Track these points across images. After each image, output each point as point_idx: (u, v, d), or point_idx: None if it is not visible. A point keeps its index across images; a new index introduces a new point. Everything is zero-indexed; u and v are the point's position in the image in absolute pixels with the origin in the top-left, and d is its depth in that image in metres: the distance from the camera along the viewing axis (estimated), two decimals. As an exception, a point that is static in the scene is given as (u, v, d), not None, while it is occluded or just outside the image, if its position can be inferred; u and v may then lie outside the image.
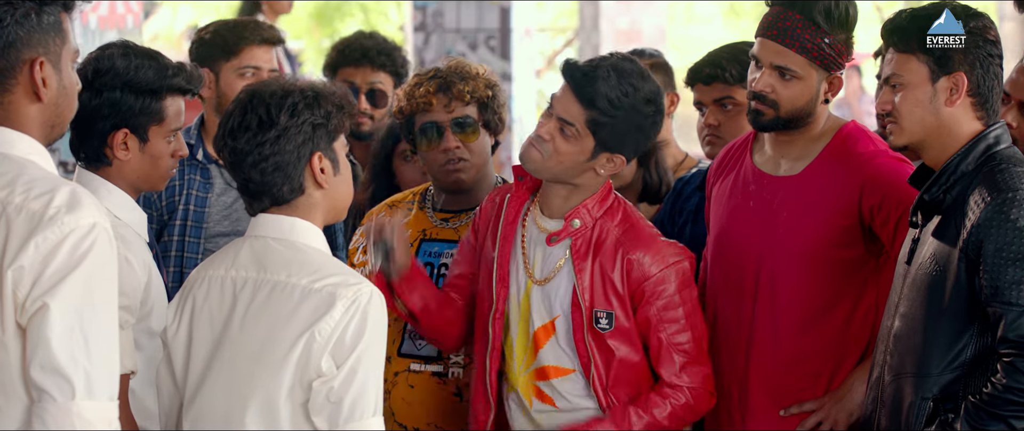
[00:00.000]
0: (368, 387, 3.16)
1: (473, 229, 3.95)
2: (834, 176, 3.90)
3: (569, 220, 3.77)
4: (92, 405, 2.82)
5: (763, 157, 4.05)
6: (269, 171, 3.25)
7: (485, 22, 10.26)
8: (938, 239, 3.46)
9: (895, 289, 3.59)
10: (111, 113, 3.50)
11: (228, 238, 4.49)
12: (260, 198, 3.29)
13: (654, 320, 3.77)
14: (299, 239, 3.29)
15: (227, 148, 3.28)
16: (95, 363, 2.83)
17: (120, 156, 3.53)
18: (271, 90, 3.28)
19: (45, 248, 2.83)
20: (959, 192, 3.46)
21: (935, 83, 3.49)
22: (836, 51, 3.87)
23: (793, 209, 3.93)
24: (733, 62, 4.39)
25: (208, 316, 3.29)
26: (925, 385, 3.44)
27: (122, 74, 3.50)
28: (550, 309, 3.79)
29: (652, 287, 3.75)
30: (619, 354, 3.76)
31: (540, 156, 3.73)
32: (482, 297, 3.88)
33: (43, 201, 2.87)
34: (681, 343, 3.78)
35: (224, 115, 3.30)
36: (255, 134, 3.24)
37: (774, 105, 3.91)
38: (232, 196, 4.57)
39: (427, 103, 4.06)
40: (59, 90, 3.01)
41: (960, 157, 3.47)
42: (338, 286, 3.20)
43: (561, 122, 3.72)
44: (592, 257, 3.75)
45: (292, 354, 3.16)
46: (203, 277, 3.34)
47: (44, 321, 2.81)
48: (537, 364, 3.81)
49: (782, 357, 3.95)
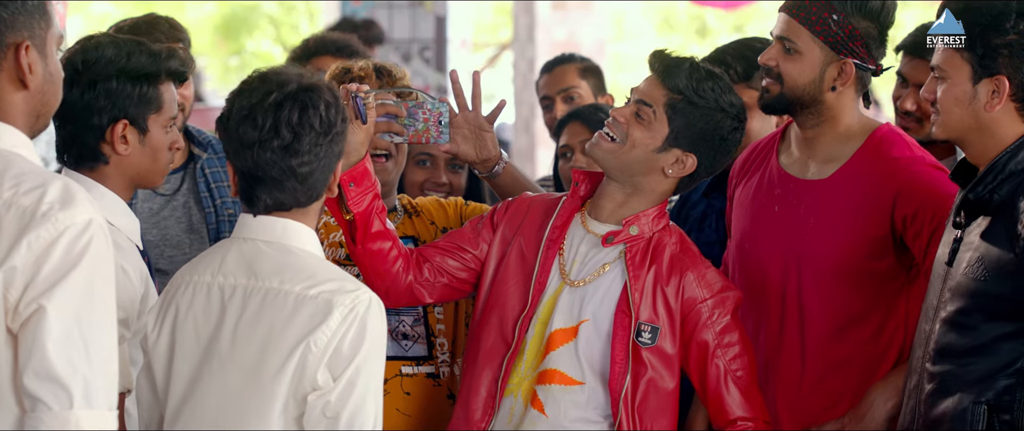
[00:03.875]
0: (367, 400, 3.13)
1: (490, 223, 3.90)
2: (867, 182, 3.87)
3: (627, 225, 3.75)
4: (91, 415, 2.75)
5: (790, 158, 4.02)
6: (317, 174, 3.23)
7: (420, 32, 10.24)
8: (987, 241, 3.43)
9: (933, 291, 3.56)
10: (108, 105, 3.44)
11: (157, 249, 4.47)
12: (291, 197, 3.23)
13: (713, 345, 3.74)
14: (292, 242, 3.25)
15: (280, 140, 3.19)
16: (94, 370, 2.77)
17: (120, 150, 3.46)
18: (323, 87, 3.24)
19: (38, 247, 2.77)
20: (1009, 191, 3.42)
21: (976, 84, 3.47)
22: (846, 33, 3.84)
23: (822, 216, 3.90)
24: (738, 58, 4.38)
25: (193, 325, 3.23)
26: (977, 390, 3.41)
27: (115, 61, 3.43)
28: (579, 313, 3.75)
29: (710, 309, 3.74)
30: (650, 374, 3.72)
31: (610, 144, 3.73)
32: (505, 297, 3.82)
33: (34, 197, 2.80)
34: (736, 370, 3.76)
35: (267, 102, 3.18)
36: (319, 135, 3.21)
37: (779, 79, 3.90)
38: (159, 202, 4.52)
39: None
40: (45, 77, 2.95)
41: (1009, 155, 3.44)
42: (334, 293, 3.16)
43: (639, 104, 3.73)
44: (648, 266, 3.74)
45: (287, 367, 3.12)
46: (187, 282, 3.28)
47: (40, 325, 2.74)
48: (543, 367, 3.77)
49: (809, 374, 3.93)
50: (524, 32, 11.99)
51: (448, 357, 4.04)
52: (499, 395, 3.78)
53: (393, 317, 3.97)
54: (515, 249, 3.84)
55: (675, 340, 3.74)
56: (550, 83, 5.88)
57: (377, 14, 10.24)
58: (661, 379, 3.74)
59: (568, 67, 5.87)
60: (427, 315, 4.04)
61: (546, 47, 11.85)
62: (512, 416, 3.79)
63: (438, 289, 3.85)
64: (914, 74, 4.42)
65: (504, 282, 3.83)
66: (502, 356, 3.79)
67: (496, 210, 3.92)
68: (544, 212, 3.87)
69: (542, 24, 11.87)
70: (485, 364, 3.80)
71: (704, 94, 3.70)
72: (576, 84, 5.80)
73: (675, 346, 3.74)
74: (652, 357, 3.72)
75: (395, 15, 10.23)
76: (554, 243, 3.80)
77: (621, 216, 3.77)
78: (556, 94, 5.81)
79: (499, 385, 3.78)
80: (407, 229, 4.08)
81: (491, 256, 3.86)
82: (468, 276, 3.87)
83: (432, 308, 4.04)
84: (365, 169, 3.68)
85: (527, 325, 3.78)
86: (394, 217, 4.06)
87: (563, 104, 5.72)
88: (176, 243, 4.54)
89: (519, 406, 3.79)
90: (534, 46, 11.83)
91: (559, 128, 5.06)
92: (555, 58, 6.02)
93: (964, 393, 3.44)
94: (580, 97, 5.73)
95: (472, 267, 3.87)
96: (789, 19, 3.89)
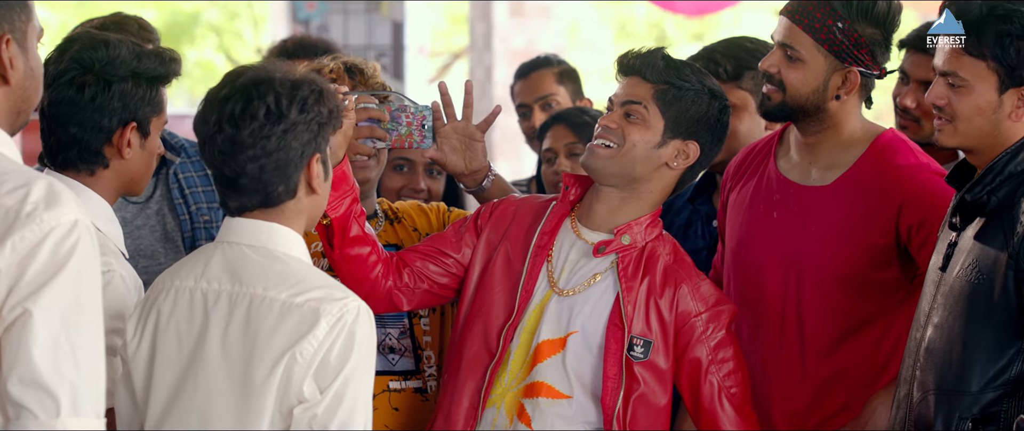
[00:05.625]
0: (356, 414, 3.08)
1: (474, 226, 3.87)
2: (871, 189, 3.86)
3: (619, 235, 3.72)
4: (78, 423, 2.71)
5: (789, 163, 4.01)
6: (269, 169, 3.17)
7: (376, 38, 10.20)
8: (982, 243, 3.42)
9: (926, 297, 3.55)
10: (121, 107, 3.40)
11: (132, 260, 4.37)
12: (250, 195, 3.19)
13: (706, 362, 3.71)
14: (278, 247, 3.20)
15: (223, 135, 3.16)
16: (82, 376, 2.71)
17: (125, 154, 3.43)
18: (279, 77, 3.19)
19: (23, 249, 2.71)
20: (1007, 194, 3.42)
21: (1002, 94, 3.45)
22: (851, 41, 3.83)
23: (824, 223, 3.89)
24: (728, 57, 4.36)
25: (175, 333, 3.19)
26: (963, 404, 3.40)
27: (128, 62, 3.40)
28: (567, 324, 3.72)
29: (704, 323, 3.71)
30: (641, 389, 3.69)
31: (608, 151, 3.70)
32: (490, 304, 3.79)
33: (18, 196, 2.75)
34: (730, 387, 3.73)
35: (216, 97, 3.19)
36: (261, 125, 3.14)
37: (781, 86, 3.89)
38: (132, 211, 4.49)
39: None
40: (26, 72, 2.89)
41: (1008, 156, 3.44)
42: (322, 301, 3.11)
43: (627, 106, 3.71)
44: (641, 277, 3.71)
45: (272, 378, 3.07)
46: (169, 287, 3.23)
47: (25, 330, 2.68)
48: (530, 379, 3.73)
49: (809, 383, 3.92)
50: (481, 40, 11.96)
51: (435, 371, 4.01)
52: (482, 406, 3.75)
53: (380, 330, 3.93)
54: (501, 254, 3.80)
55: (668, 355, 3.71)
56: (526, 90, 5.80)
57: (331, 20, 10.19)
58: (653, 395, 3.71)
59: (544, 73, 5.78)
60: (413, 327, 4.00)
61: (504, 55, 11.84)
62: (494, 427, 3.75)
63: (418, 295, 3.82)
64: (916, 70, 4.41)
65: (489, 289, 3.79)
66: (485, 366, 3.75)
67: (480, 213, 3.88)
68: (532, 216, 3.83)
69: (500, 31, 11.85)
70: (468, 373, 3.77)
71: (688, 78, 3.70)
72: (554, 91, 5.73)
73: (668, 361, 3.71)
74: (644, 372, 3.69)
75: (350, 21, 10.18)
76: (542, 249, 3.77)
77: (614, 223, 3.74)
78: (534, 102, 5.75)
79: (482, 396, 3.74)
80: (389, 237, 4.04)
81: (475, 261, 3.82)
82: (450, 281, 3.84)
83: (418, 320, 4.00)
84: (343, 173, 3.64)
85: (512, 334, 3.74)
86: (376, 223, 4.02)
87: (541, 112, 5.66)
88: (150, 253, 4.51)
89: (503, 418, 3.75)
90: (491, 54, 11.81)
91: (542, 131, 5.03)
92: (530, 62, 5.91)
93: (953, 404, 3.43)
94: (558, 104, 5.66)
95: (454, 272, 3.83)
96: (792, 25, 3.87)
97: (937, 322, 3.48)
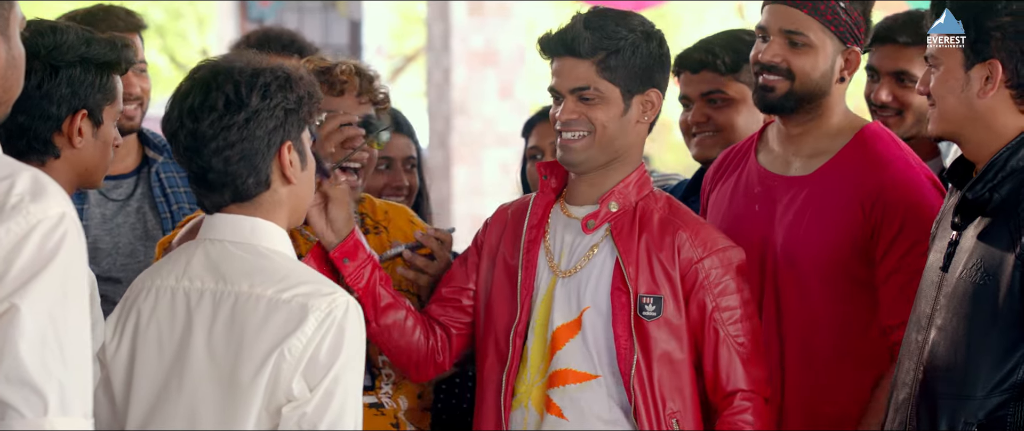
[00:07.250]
0: (346, 412, 3.07)
1: (475, 247, 3.89)
2: (852, 179, 3.87)
3: (604, 203, 3.72)
4: (66, 422, 2.67)
5: (770, 156, 4.01)
6: (234, 160, 3.16)
7: (332, 37, 10.18)
8: (986, 243, 3.40)
9: (925, 299, 3.53)
10: (70, 94, 3.34)
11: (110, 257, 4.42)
12: (220, 191, 3.19)
13: (710, 308, 3.68)
14: (262, 243, 3.20)
15: (185, 130, 3.17)
16: (70, 374, 2.68)
17: (76, 143, 3.38)
18: (238, 66, 3.19)
19: (9, 242, 2.68)
20: (1010, 190, 3.40)
21: (968, 70, 3.44)
22: (853, 20, 3.86)
23: (803, 212, 3.89)
24: (727, 49, 4.35)
25: (156, 334, 3.17)
26: (968, 409, 3.37)
27: (76, 48, 3.37)
28: (578, 303, 3.72)
29: (706, 269, 3.69)
30: (661, 347, 3.67)
31: (583, 140, 3.69)
32: (496, 312, 3.80)
33: (2, 188, 2.71)
34: (737, 336, 3.70)
35: (177, 93, 3.19)
36: (221, 116, 3.14)
37: (789, 75, 3.88)
38: (112, 208, 4.48)
39: None
40: (8, 61, 2.86)
41: (1010, 151, 3.42)
42: (309, 296, 3.11)
43: (575, 92, 3.69)
44: (638, 236, 3.70)
45: (260, 377, 3.06)
46: (149, 287, 3.22)
47: (12, 326, 2.65)
48: (552, 369, 3.73)
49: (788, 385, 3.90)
50: (438, 40, 11.94)
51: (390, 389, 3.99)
52: (506, 409, 3.75)
53: None
54: (500, 260, 3.83)
55: (680, 308, 3.69)
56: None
57: (286, 17, 10.17)
58: (674, 351, 3.68)
59: None
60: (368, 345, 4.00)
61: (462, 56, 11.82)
62: (526, 426, 3.75)
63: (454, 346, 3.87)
64: (885, 63, 4.42)
65: (494, 296, 3.82)
66: (499, 372, 3.76)
67: (479, 232, 3.93)
68: (519, 215, 3.86)
69: (458, 31, 11.83)
70: (487, 385, 3.80)
71: (617, 34, 3.68)
72: None
73: (680, 313, 3.69)
74: (659, 330, 3.68)
75: (306, 19, 10.16)
76: (534, 243, 3.78)
77: (599, 194, 3.74)
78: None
79: (502, 400, 3.75)
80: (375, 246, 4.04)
81: (482, 279, 3.85)
82: (474, 318, 3.89)
83: None
84: (357, 242, 3.68)
85: (523, 331, 3.75)
86: None
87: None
88: (129, 251, 4.49)
89: (532, 415, 3.75)
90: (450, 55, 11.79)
91: (527, 129, 5.02)
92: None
93: (957, 409, 3.40)
94: None
95: (474, 305, 3.88)
96: (795, 12, 3.87)
97: (940, 324, 3.46)
